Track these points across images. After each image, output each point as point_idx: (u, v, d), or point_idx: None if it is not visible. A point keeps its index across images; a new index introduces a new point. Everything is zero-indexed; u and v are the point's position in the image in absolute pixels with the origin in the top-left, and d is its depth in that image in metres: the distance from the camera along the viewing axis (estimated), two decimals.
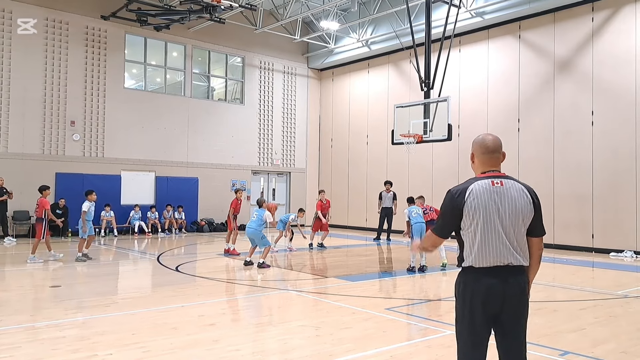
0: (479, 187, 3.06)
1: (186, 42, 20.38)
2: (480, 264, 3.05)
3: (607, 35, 14.77)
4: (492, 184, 3.06)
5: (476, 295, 3.05)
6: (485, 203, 3.03)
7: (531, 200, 3.08)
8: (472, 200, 3.04)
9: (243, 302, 7.99)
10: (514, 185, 3.09)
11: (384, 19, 19.97)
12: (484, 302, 3.03)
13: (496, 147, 3.18)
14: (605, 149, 14.62)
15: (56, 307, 7.26)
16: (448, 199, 3.14)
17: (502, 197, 3.04)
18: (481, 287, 3.04)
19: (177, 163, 20.00)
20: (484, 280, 3.04)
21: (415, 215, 10.91)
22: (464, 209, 3.05)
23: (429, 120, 13.59)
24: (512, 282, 3.04)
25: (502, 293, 3.02)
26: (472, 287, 3.08)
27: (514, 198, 3.04)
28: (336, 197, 23.10)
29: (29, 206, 16.55)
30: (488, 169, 3.17)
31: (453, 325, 3.27)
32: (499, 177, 3.11)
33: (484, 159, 3.18)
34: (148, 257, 12.83)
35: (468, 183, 3.13)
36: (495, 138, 3.20)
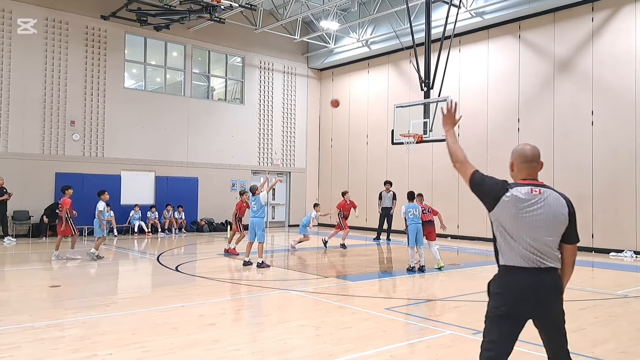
0: (517, 192, 3.20)
1: (186, 42, 20.38)
2: (513, 263, 3.19)
3: (607, 35, 14.77)
4: (531, 192, 3.20)
5: (510, 293, 3.18)
6: (520, 208, 3.17)
7: (567, 209, 3.22)
8: (509, 199, 3.18)
9: (243, 302, 7.99)
10: (552, 194, 3.23)
11: (384, 18, 19.97)
12: (516, 301, 3.16)
13: (534, 156, 3.32)
14: (605, 149, 14.62)
15: (56, 307, 7.26)
16: (495, 180, 3.28)
17: (538, 204, 3.18)
18: (515, 286, 3.17)
19: (177, 163, 20.00)
20: (518, 279, 3.17)
21: (412, 216, 10.71)
22: (500, 202, 3.20)
23: (429, 120, 13.59)
24: (546, 282, 3.17)
25: (536, 292, 3.15)
26: (507, 285, 3.20)
27: (550, 206, 3.19)
28: (336, 197, 23.09)
29: (29, 206, 16.56)
30: (526, 177, 3.31)
31: (453, 325, 3.28)
32: (538, 185, 3.25)
33: (522, 168, 3.32)
34: (148, 257, 12.83)
35: (509, 184, 3.26)
36: (533, 148, 3.34)
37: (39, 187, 16.84)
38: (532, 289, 3.15)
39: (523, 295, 3.15)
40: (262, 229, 11.05)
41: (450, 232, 18.35)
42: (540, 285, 3.16)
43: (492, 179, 3.32)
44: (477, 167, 3.52)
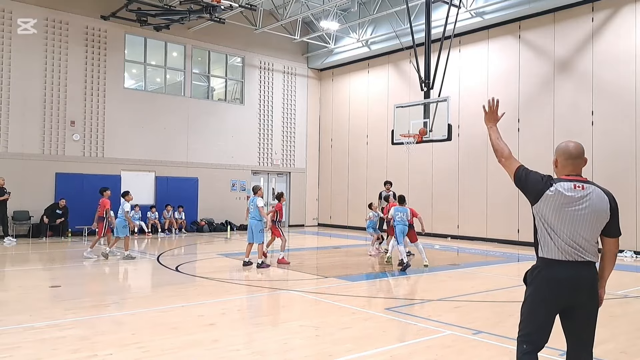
0: (562, 187, 3.28)
1: (186, 42, 20.38)
2: (552, 256, 3.29)
3: (607, 35, 14.77)
4: (574, 187, 3.28)
5: (548, 283, 3.28)
6: (564, 203, 3.25)
7: (609, 205, 3.28)
8: (553, 194, 3.27)
9: (243, 302, 7.99)
10: (595, 190, 3.30)
11: (384, 19, 19.98)
12: (554, 292, 3.25)
13: (579, 153, 3.39)
14: (606, 148, 14.62)
15: (56, 307, 7.26)
16: (539, 175, 3.37)
17: (581, 199, 3.26)
18: (553, 278, 3.27)
19: (177, 163, 20.00)
20: (555, 271, 3.27)
21: (400, 219, 11.41)
22: (543, 197, 3.29)
23: (429, 120, 13.57)
24: (583, 275, 3.24)
25: (573, 285, 3.23)
26: (545, 276, 3.30)
27: (593, 202, 3.26)
28: (336, 197, 23.12)
29: (29, 206, 16.56)
30: (570, 173, 3.38)
31: (453, 325, 3.29)
32: (581, 181, 3.32)
33: (566, 164, 3.39)
34: (148, 257, 12.83)
35: (557, 180, 3.34)
36: (577, 145, 3.41)
37: (39, 187, 16.84)
38: (569, 282, 3.24)
39: (559, 288, 3.24)
40: (260, 231, 11.04)
41: (450, 232, 18.37)
42: (578, 278, 3.24)
43: (536, 174, 3.40)
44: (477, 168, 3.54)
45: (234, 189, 21.54)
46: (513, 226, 16.64)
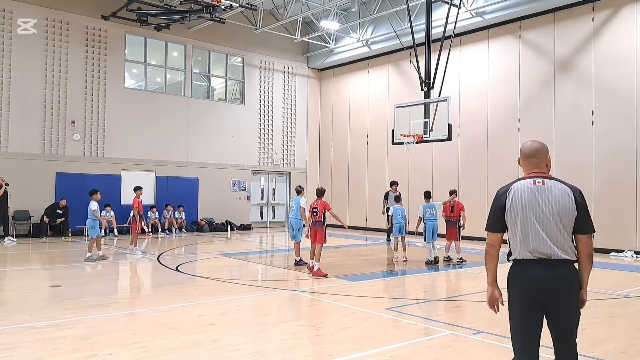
0: (520, 186, 3.34)
1: (186, 42, 20.38)
2: (523, 256, 3.31)
3: (607, 35, 14.77)
4: (534, 183, 3.31)
5: (523, 285, 3.31)
6: (525, 200, 3.29)
7: (574, 199, 3.27)
8: (512, 197, 3.33)
9: (243, 302, 7.99)
10: (557, 184, 3.31)
11: (384, 18, 19.97)
12: (530, 292, 3.27)
13: (532, 152, 3.44)
14: (606, 149, 14.61)
15: (56, 307, 7.26)
16: (495, 198, 3.46)
17: (542, 194, 3.28)
18: (527, 278, 3.29)
19: (177, 163, 20.01)
20: (529, 272, 3.28)
21: (430, 215, 11.64)
22: (505, 205, 3.35)
23: (429, 120, 13.58)
24: (556, 274, 3.23)
25: (547, 284, 3.23)
26: (520, 278, 3.34)
27: (555, 196, 3.27)
28: (336, 197, 23.10)
29: (29, 206, 16.57)
30: (531, 171, 3.43)
31: (453, 325, 3.29)
32: (542, 177, 3.34)
33: (525, 163, 3.48)
34: (148, 257, 12.84)
35: (512, 182, 3.44)
36: (532, 144, 3.47)
37: (39, 187, 16.84)
38: (542, 281, 3.23)
39: (533, 287, 3.26)
40: (300, 228, 11.30)
41: None
42: (550, 277, 3.22)
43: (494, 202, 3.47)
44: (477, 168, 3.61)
45: (234, 189, 21.55)
46: None
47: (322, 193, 10.69)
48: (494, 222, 3.44)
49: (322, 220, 10.35)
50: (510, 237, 3.40)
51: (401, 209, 12.24)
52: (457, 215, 12.00)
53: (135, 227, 13.09)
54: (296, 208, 11.34)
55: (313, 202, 10.52)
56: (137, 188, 13.29)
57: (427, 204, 11.73)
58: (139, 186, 13.44)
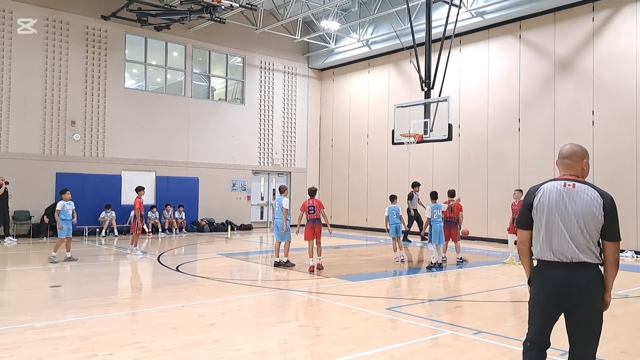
0: (550, 186, 3.41)
1: (186, 42, 20.38)
2: (545, 257, 3.37)
3: (608, 35, 14.76)
4: (564, 186, 3.37)
5: (542, 285, 3.39)
6: (552, 201, 3.36)
7: (602, 205, 3.27)
8: (541, 196, 3.41)
9: (243, 302, 7.99)
10: (587, 189, 3.33)
11: (384, 18, 19.97)
12: (548, 293, 3.35)
13: (568, 154, 3.50)
14: (606, 148, 14.61)
15: (56, 307, 7.27)
16: (525, 196, 3.57)
17: (570, 197, 3.32)
18: (546, 279, 3.37)
19: (178, 163, 20.01)
20: (549, 273, 3.35)
21: (437, 216, 11.25)
22: (533, 204, 3.44)
23: (429, 120, 13.57)
24: (576, 276, 3.27)
25: (566, 285, 3.28)
26: (540, 278, 3.41)
27: (583, 200, 3.29)
28: (336, 197, 23.11)
29: (29, 206, 16.57)
30: (565, 173, 3.48)
31: (453, 325, 3.29)
32: (574, 180, 3.39)
33: (560, 164, 3.54)
34: (148, 257, 12.84)
35: (544, 182, 3.51)
36: (571, 146, 3.54)
37: (40, 187, 16.84)
38: (561, 283, 3.29)
39: (552, 288, 3.33)
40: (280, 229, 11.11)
41: None
42: (569, 279, 3.27)
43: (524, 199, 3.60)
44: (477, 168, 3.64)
45: (235, 189, 21.55)
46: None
47: (315, 192, 11.25)
48: (523, 219, 3.53)
49: (319, 217, 10.86)
50: (534, 236, 3.46)
51: (396, 209, 12.24)
52: (456, 216, 12.02)
53: (136, 228, 13.13)
54: (279, 208, 11.16)
55: (307, 201, 10.97)
56: (139, 188, 13.35)
57: (434, 204, 11.40)
58: (141, 187, 13.49)
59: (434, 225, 11.21)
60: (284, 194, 11.32)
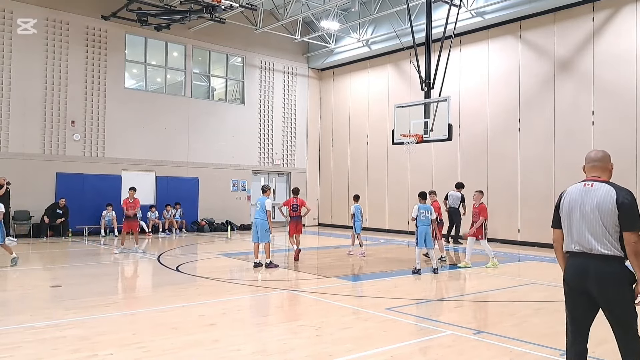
0: (573, 188, 3.84)
1: (186, 42, 20.38)
2: (568, 248, 3.78)
3: (608, 35, 14.76)
4: (584, 186, 3.76)
5: (567, 275, 3.78)
6: (573, 200, 3.76)
7: (615, 199, 3.58)
8: (565, 197, 3.84)
9: (243, 302, 7.99)
10: (603, 187, 3.68)
11: (384, 18, 19.97)
12: (572, 282, 3.72)
13: (595, 158, 3.88)
14: (606, 148, 14.34)
15: (56, 307, 7.26)
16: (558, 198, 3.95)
17: (588, 195, 3.69)
18: (570, 269, 3.75)
19: (178, 163, 20.01)
20: (572, 262, 3.74)
21: (424, 217, 10.66)
22: (559, 205, 3.87)
23: (430, 120, 13.56)
24: (596, 267, 3.58)
25: (586, 275, 3.62)
26: (567, 268, 3.80)
27: (598, 196, 3.64)
28: (336, 197, 23.11)
29: (29, 206, 16.57)
30: (590, 175, 3.86)
31: (453, 325, 3.29)
32: (592, 180, 3.76)
33: (587, 167, 3.92)
34: (148, 257, 12.84)
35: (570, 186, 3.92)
36: (596, 152, 3.92)
37: (40, 187, 16.85)
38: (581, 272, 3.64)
39: (575, 277, 3.70)
40: (265, 230, 10.97)
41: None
42: (589, 269, 3.60)
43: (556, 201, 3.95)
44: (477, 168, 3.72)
45: (235, 189, 21.55)
46: (514, 226, 16.64)
47: (298, 192, 12.86)
48: (553, 219, 3.94)
49: (301, 215, 12.45)
50: (564, 232, 3.84)
51: (360, 208, 13.54)
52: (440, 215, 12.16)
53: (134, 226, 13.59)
54: (261, 208, 11.03)
55: (292, 199, 12.50)
56: (130, 188, 13.91)
57: (422, 204, 10.88)
58: (132, 187, 14.02)
59: (419, 228, 10.61)
60: (266, 194, 11.21)
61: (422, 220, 10.64)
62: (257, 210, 11.16)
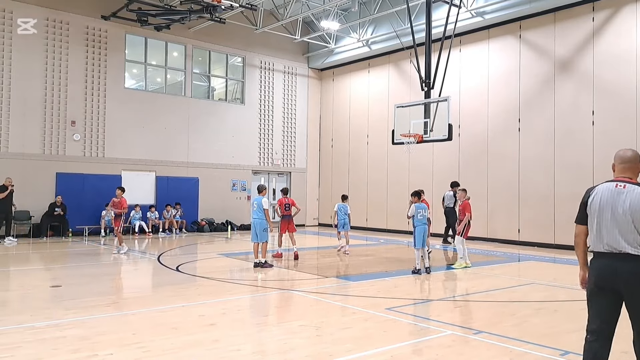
0: (603, 187, 3.83)
1: (186, 42, 20.38)
2: (597, 248, 3.78)
3: (608, 35, 14.76)
4: (616, 186, 3.77)
5: (593, 273, 3.80)
6: (604, 200, 3.76)
7: None
8: (594, 195, 3.84)
9: (243, 302, 7.99)
10: (636, 189, 3.70)
11: (384, 18, 19.97)
12: (597, 280, 3.75)
13: (626, 158, 3.90)
14: (606, 148, 14.59)
15: (56, 307, 7.26)
16: (583, 195, 3.96)
17: (620, 196, 3.71)
18: (596, 267, 3.78)
19: (178, 163, 20.01)
20: (601, 262, 3.76)
21: (421, 217, 10.64)
22: (587, 202, 3.87)
23: (430, 120, 13.56)
24: (625, 266, 3.63)
25: (615, 274, 3.67)
26: (592, 267, 3.83)
27: (631, 198, 3.67)
28: (337, 197, 23.08)
29: (29, 206, 16.57)
30: (620, 175, 3.87)
31: (453, 325, 3.29)
32: (624, 181, 3.78)
33: (617, 167, 3.93)
34: (148, 257, 12.83)
35: (599, 184, 3.92)
36: (625, 151, 3.94)
37: (40, 187, 16.85)
38: (610, 272, 3.68)
39: (605, 276, 3.72)
40: (264, 230, 11.03)
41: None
42: (618, 268, 3.64)
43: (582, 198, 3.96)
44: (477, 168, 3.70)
45: (235, 189, 21.55)
46: (514, 226, 16.64)
47: (287, 191, 13.36)
48: (579, 215, 3.95)
49: (292, 213, 12.86)
50: (589, 230, 3.88)
51: (345, 207, 13.76)
52: None
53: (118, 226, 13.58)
54: (258, 208, 11.09)
55: (282, 199, 12.95)
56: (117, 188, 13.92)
57: (418, 204, 10.79)
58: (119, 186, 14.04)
59: (417, 228, 10.57)
60: (262, 193, 11.33)
61: (420, 220, 10.64)
62: (255, 210, 11.21)
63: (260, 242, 11.04)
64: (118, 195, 13.50)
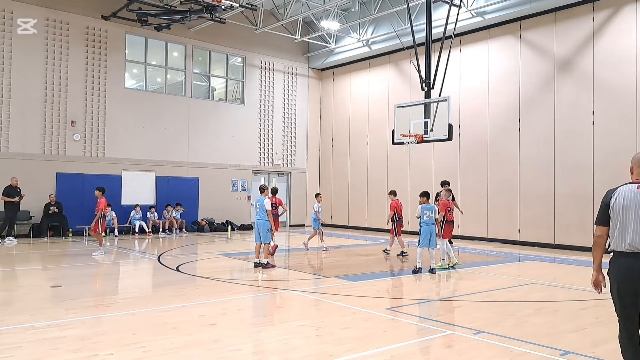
0: (626, 189, 3.96)
1: (187, 42, 20.39)
2: (617, 248, 3.87)
3: (608, 35, 14.76)
4: (638, 188, 3.88)
5: (615, 273, 3.87)
6: (627, 201, 3.86)
7: None
8: (617, 196, 3.94)
9: (243, 302, 7.99)
10: None
11: (384, 18, 19.98)
12: (620, 280, 3.83)
13: None
14: (606, 148, 14.61)
15: (57, 307, 7.26)
16: (604, 196, 4.07)
17: None
18: (618, 267, 3.86)
19: (178, 163, 20.01)
20: (621, 261, 3.85)
21: (428, 217, 10.68)
22: (610, 203, 3.97)
23: (430, 120, 13.56)
24: None
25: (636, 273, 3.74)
26: (616, 267, 3.89)
27: None
28: (336, 197, 23.11)
29: (29, 206, 16.56)
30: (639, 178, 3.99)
31: (453, 325, 3.29)
32: None
33: (637, 171, 4.06)
34: (148, 257, 12.83)
35: (621, 185, 4.04)
36: None
37: (40, 188, 16.83)
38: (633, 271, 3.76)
39: (626, 276, 3.80)
40: (267, 230, 11.04)
41: None
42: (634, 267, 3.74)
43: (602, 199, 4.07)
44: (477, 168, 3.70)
45: (235, 189, 21.55)
46: (514, 226, 16.64)
47: (277, 191, 13.18)
48: (600, 216, 4.03)
49: (278, 213, 13.13)
50: (610, 231, 3.94)
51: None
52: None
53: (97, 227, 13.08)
54: (261, 209, 11.09)
55: (271, 199, 12.49)
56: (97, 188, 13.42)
57: (425, 205, 10.88)
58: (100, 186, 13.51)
59: (423, 228, 10.68)
60: (264, 194, 11.35)
61: (425, 221, 10.73)
62: (258, 211, 11.21)
63: (263, 243, 11.05)
64: (97, 195, 13.15)
